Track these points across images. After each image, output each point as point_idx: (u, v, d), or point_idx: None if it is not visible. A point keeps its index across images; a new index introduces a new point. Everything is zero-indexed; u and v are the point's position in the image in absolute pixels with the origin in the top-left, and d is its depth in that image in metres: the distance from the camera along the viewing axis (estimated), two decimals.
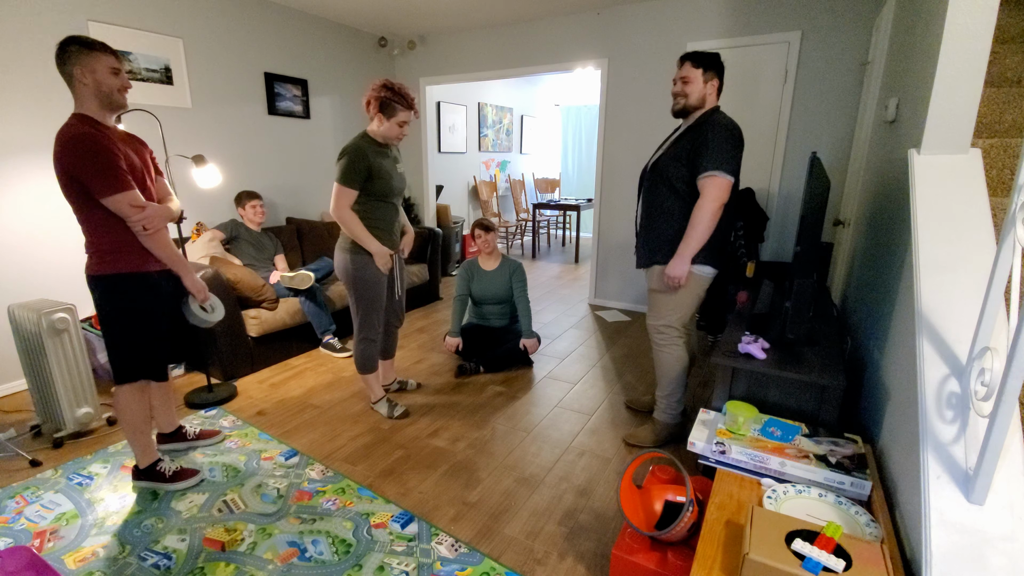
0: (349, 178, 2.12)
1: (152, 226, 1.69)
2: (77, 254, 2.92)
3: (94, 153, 1.54)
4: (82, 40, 1.59)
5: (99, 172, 1.55)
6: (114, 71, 1.62)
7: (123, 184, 1.60)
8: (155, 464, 1.96)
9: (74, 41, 1.58)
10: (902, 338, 1.36)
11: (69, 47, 1.57)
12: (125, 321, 1.77)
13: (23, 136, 2.64)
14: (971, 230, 1.25)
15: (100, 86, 1.61)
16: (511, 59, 4.37)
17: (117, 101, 1.66)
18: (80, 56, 1.57)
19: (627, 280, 4.30)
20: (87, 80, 1.59)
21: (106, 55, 1.60)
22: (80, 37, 1.60)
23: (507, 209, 7.56)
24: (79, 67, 1.57)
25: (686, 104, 1.97)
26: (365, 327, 2.35)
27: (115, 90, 1.64)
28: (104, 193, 1.57)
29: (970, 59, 1.33)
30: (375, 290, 2.30)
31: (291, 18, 3.92)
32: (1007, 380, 0.84)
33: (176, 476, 1.96)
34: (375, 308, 2.33)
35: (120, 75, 1.65)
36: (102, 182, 1.56)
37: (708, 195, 1.88)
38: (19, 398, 2.71)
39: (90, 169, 1.54)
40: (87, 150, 1.53)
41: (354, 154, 2.12)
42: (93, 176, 1.54)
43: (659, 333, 2.13)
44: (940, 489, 0.95)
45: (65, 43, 1.58)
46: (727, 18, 3.46)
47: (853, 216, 2.67)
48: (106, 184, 1.57)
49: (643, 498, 1.47)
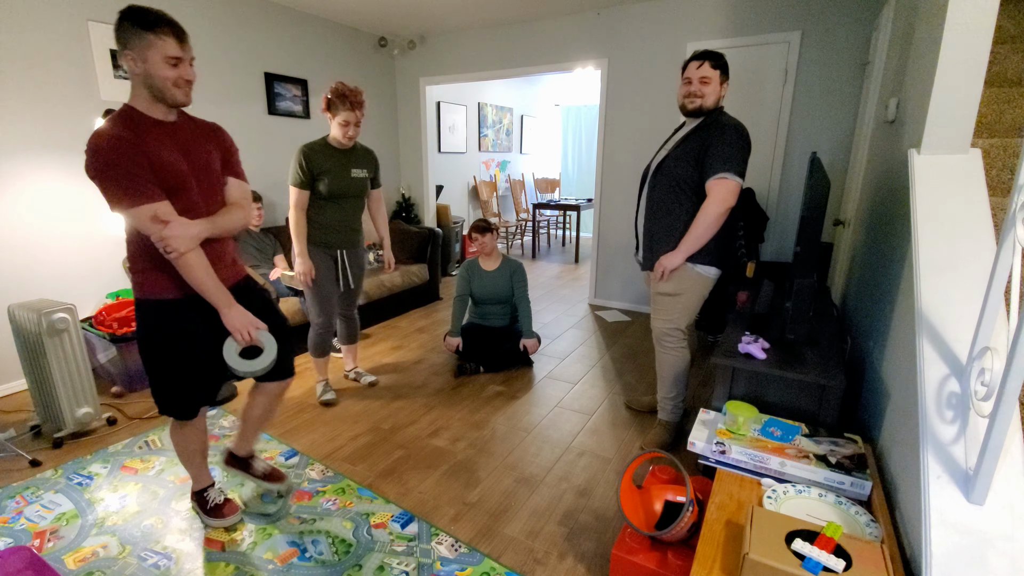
0: (293, 178, 2.34)
1: (175, 247, 1.34)
2: (77, 254, 2.92)
3: (111, 163, 1.27)
4: (137, 16, 1.27)
5: (113, 181, 1.28)
6: (172, 61, 1.30)
7: (139, 195, 1.29)
8: (203, 490, 1.81)
9: (128, 16, 1.27)
10: (902, 338, 1.36)
11: (123, 23, 1.28)
12: (147, 352, 1.52)
13: (23, 136, 2.64)
14: (971, 230, 1.24)
15: (150, 78, 1.31)
16: (511, 59, 4.37)
17: (172, 97, 1.35)
18: (132, 38, 1.28)
19: (627, 280, 4.30)
20: (137, 69, 1.30)
21: (163, 40, 1.28)
22: (137, 10, 1.28)
23: (507, 209, 7.56)
24: (130, 51, 1.29)
25: (703, 105, 1.94)
26: (314, 316, 2.55)
27: (170, 84, 1.33)
28: (115, 205, 1.31)
29: (970, 59, 1.33)
30: (321, 283, 2.47)
31: (291, 18, 3.92)
32: (1007, 380, 0.84)
33: (215, 510, 1.77)
34: (320, 299, 2.50)
35: (180, 66, 1.33)
36: (113, 192, 1.29)
37: (717, 197, 1.88)
38: (19, 398, 2.71)
39: (105, 178, 1.28)
40: (105, 159, 1.27)
41: (298, 155, 2.32)
42: (107, 186, 1.29)
43: (667, 336, 2.13)
44: (940, 489, 0.95)
45: (120, 17, 1.28)
46: (727, 18, 3.46)
47: (853, 216, 2.67)
48: (117, 195, 1.29)
49: (643, 498, 1.47)
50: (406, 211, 5.18)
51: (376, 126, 4.91)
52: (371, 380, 2.88)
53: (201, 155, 1.46)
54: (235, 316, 1.47)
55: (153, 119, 1.38)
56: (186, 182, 1.41)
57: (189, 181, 1.42)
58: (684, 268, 2.00)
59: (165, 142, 1.37)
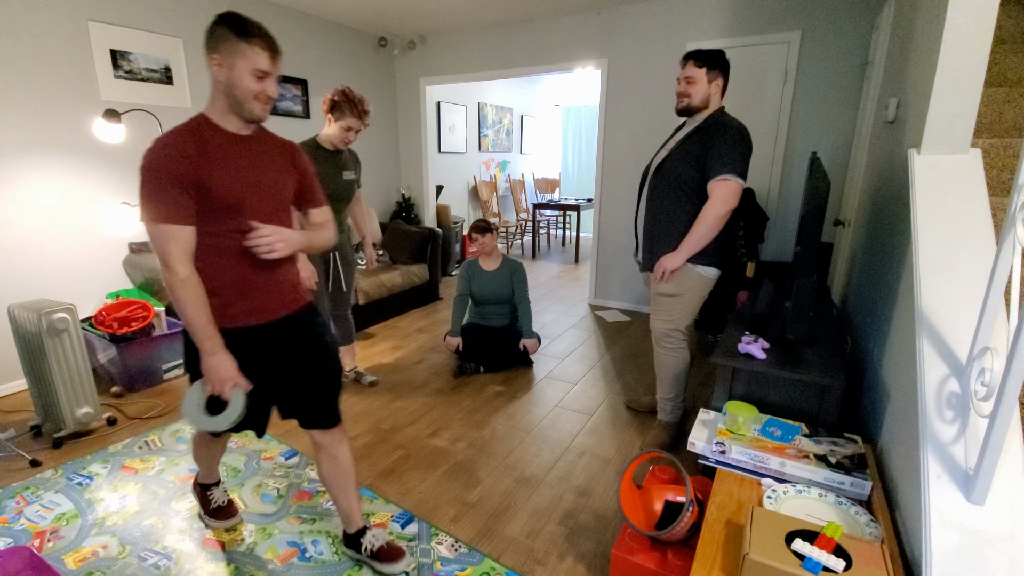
0: None
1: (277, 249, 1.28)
2: (77, 254, 2.92)
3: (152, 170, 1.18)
4: (235, 23, 1.22)
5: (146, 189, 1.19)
6: (259, 74, 1.24)
7: (163, 214, 1.19)
8: (208, 487, 1.76)
9: (226, 21, 1.22)
10: (902, 338, 1.36)
11: (218, 27, 1.22)
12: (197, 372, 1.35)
13: (23, 136, 2.64)
14: (971, 230, 1.24)
15: (233, 88, 1.24)
16: (511, 59, 4.37)
17: (250, 111, 1.27)
18: (223, 43, 1.22)
19: (627, 280, 4.30)
20: (220, 75, 1.24)
21: (255, 52, 1.22)
22: (236, 17, 1.23)
23: (507, 209, 7.56)
24: (217, 55, 1.22)
25: (690, 104, 1.96)
26: None
27: (251, 97, 1.25)
28: (141, 214, 1.22)
29: (970, 59, 1.33)
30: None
31: (291, 18, 3.92)
32: (1007, 380, 0.84)
33: (218, 512, 1.75)
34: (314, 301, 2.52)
35: (266, 81, 1.26)
36: (143, 201, 1.20)
37: (719, 198, 1.87)
38: (19, 398, 2.71)
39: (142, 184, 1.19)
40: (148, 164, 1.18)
41: None
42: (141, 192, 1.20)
43: (667, 337, 2.12)
44: (940, 489, 0.95)
45: (217, 20, 1.23)
46: (727, 18, 3.46)
47: (853, 216, 2.67)
48: (144, 204, 1.20)
49: (643, 498, 1.47)
50: (406, 211, 5.18)
51: (376, 126, 4.91)
52: (371, 380, 2.88)
53: (269, 175, 1.35)
54: (217, 365, 1.29)
55: (225, 131, 1.29)
56: (244, 202, 1.29)
57: (249, 201, 1.30)
58: (685, 268, 2.00)
59: (230, 158, 1.28)
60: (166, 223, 1.19)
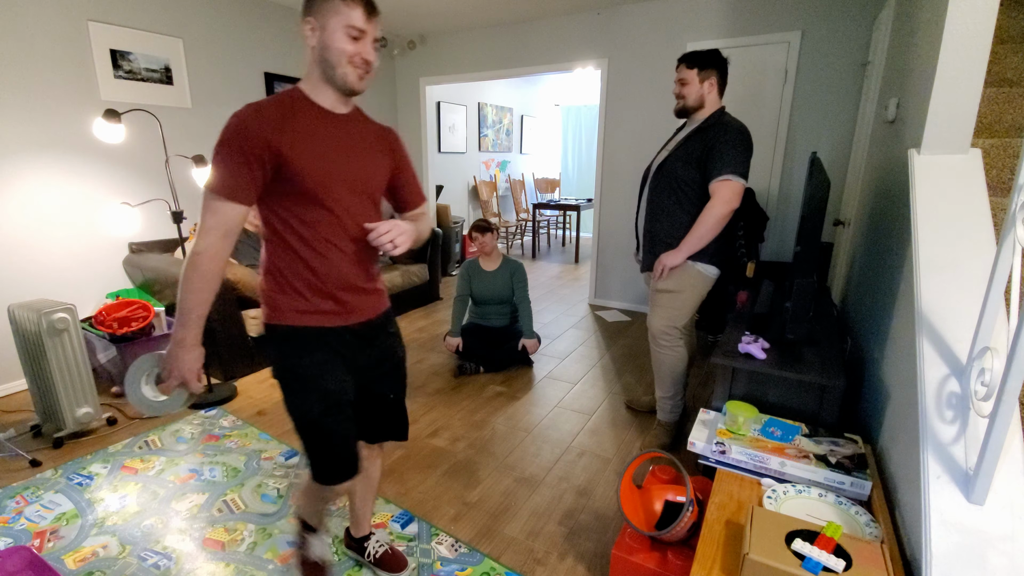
0: None
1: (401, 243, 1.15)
2: (77, 254, 2.92)
3: (225, 141, 1.06)
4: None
5: (216, 157, 1.07)
6: (354, 32, 1.08)
7: (225, 187, 1.07)
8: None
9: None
10: (902, 338, 1.36)
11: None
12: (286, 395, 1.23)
13: (23, 136, 2.64)
14: (971, 230, 1.24)
15: (325, 50, 1.09)
16: (511, 59, 4.37)
17: (343, 76, 1.11)
18: (317, 2, 1.09)
19: (627, 280, 4.30)
20: (313, 39, 1.10)
21: (349, 7, 1.06)
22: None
23: (507, 209, 7.56)
24: (311, 17, 1.09)
25: (685, 105, 1.99)
26: None
27: (344, 59, 1.09)
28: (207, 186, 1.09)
29: (970, 59, 1.33)
30: None
31: (291, 18, 3.92)
32: (1007, 380, 0.84)
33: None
34: None
35: (361, 41, 1.10)
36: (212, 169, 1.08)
37: (721, 198, 1.87)
38: (19, 398, 2.71)
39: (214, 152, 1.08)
40: (224, 134, 1.06)
41: None
42: (212, 160, 1.08)
43: (664, 335, 2.12)
44: (940, 489, 0.95)
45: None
46: (727, 18, 3.46)
47: (853, 216, 2.67)
48: (212, 173, 1.08)
49: (643, 498, 1.47)
50: None
51: None
52: None
53: (361, 162, 1.20)
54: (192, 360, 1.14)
55: (317, 106, 1.15)
56: (328, 189, 1.14)
57: (334, 189, 1.15)
58: (684, 266, 2.00)
59: (318, 136, 1.13)
60: (217, 194, 1.07)
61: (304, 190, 1.12)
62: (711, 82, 1.94)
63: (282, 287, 1.18)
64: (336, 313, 1.22)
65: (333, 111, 1.17)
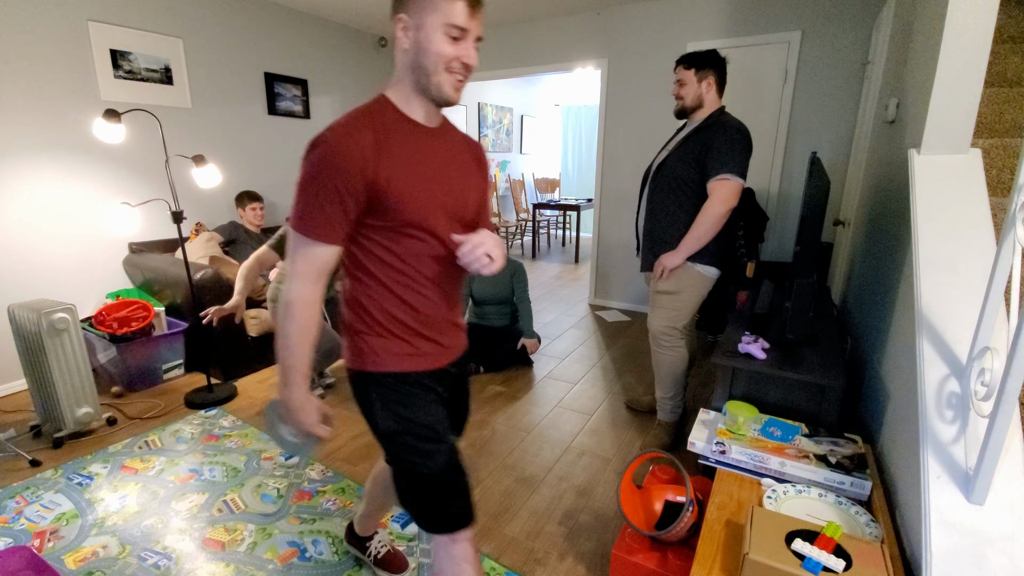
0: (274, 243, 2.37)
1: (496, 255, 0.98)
2: (77, 254, 2.92)
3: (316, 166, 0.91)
4: None
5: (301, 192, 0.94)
6: (454, 32, 0.92)
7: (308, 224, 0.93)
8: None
9: None
10: (902, 338, 1.36)
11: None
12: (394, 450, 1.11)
13: (23, 136, 2.64)
14: (971, 230, 1.25)
15: (420, 54, 0.94)
16: (511, 59, 4.37)
17: (438, 86, 0.96)
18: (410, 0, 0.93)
19: (627, 280, 4.30)
20: (406, 41, 0.95)
21: (449, 3, 0.91)
22: None
23: (507, 209, 7.56)
24: (404, 15, 0.94)
25: (684, 105, 2.00)
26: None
27: (441, 66, 0.94)
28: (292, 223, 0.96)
29: (970, 59, 1.33)
30: None
31: (291, 18, 3.92)
32: (1007, 380, 0.84)
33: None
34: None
35: (462, 42, 0.94)
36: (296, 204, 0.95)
37: (718, 198, 1.88)
38: (19, 398, 2.71)
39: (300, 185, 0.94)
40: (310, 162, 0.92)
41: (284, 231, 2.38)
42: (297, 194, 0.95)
43: (665, 335, 2.13)
44: (940, 489, 0.95)
45: None
46: (727, 18, 3.46)
47: (853, 216, 2.67)
48: (296, 209, 0.95)
49: (643, 498, 1.47)
50: None
51: None
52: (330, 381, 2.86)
53: (463, 185, 1.06)
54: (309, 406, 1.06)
55: (412, 122, 0.99)
56: (431, 221, 1.00)
57: (434, 218, 1.00)
58: (684, 267, 2.00)
59: (416, 158, 0.98)
60: (305, 236, 0.94)
61: (403, 222, 0.97)
62: (709, 82, 1.94)
63: (377, 330, 1.04)
64: (437, 354, 1.10)
65: (427, 125, 1.01)
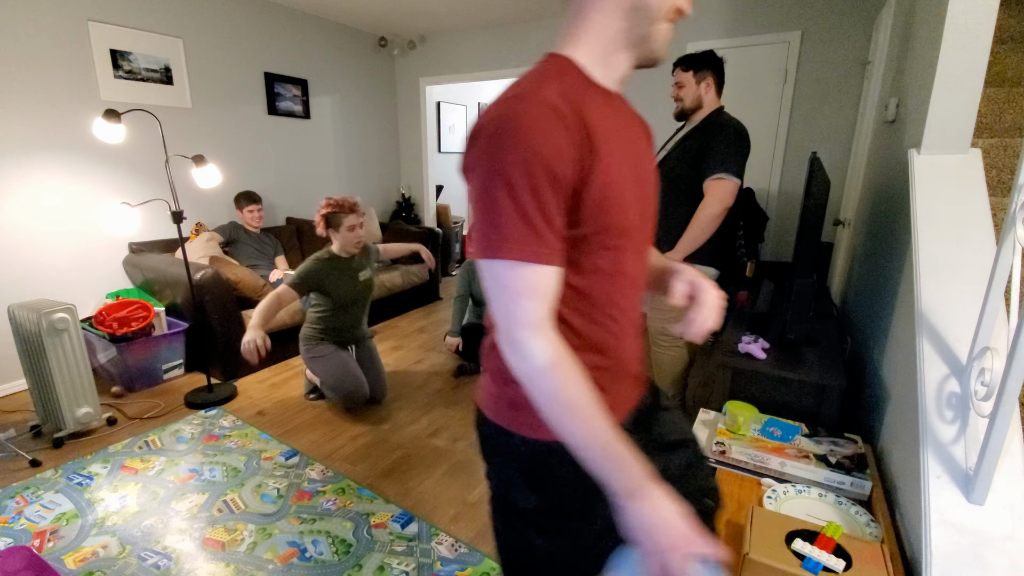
0: (294, 281, 2.38)
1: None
2: (77, 254, 2.92)
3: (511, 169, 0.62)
4: None
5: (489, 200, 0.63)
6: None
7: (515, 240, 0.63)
8: None
9: None
10: (902, 338, 1.36)
11: None
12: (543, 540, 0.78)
13: (23, 136, 2.64)
14: (971, 230, 1.24)
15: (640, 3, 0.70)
16: (511, 59, 4.37)
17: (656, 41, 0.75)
18: None
19: None
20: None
21: None
22: None
23: None
24: None
25: (683, 107, 2.01)
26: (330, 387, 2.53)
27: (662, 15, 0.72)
28: (482, 249, 0.66)
29: (970, 59, 1.33)
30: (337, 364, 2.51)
31: (291, 18, 3.92)
32: (1007, 380, 0.84)
33: None
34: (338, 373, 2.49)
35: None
36: (483, 221, 0.65)
37: (714, 197, 1.88)
38: (19, 398, 2.71)
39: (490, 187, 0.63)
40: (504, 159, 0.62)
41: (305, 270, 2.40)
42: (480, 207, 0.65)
43: (663, 335, 2.13)
44: (940, 489, 0.95)
45: None
46: (727, 18, 3.46)
47: (853, 216, 2.67)
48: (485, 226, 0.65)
49: None
50: (406, 211, 5.18)
51: (376, 126, 4.91)
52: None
53: (647, 171, 0.83)
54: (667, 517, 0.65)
55: (601, 91, 0.74)
56: (629, 224, 0.74)
57: (637, 212, 0.77)
58: None
59: (616, 137, 0.71)
60: (519, 259, 0.63)
61: (603, 228, 0.69)
62: (707, 82, 1.95)
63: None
64: (624, 406, 0.82)
65: (613, 91, 0.76)
